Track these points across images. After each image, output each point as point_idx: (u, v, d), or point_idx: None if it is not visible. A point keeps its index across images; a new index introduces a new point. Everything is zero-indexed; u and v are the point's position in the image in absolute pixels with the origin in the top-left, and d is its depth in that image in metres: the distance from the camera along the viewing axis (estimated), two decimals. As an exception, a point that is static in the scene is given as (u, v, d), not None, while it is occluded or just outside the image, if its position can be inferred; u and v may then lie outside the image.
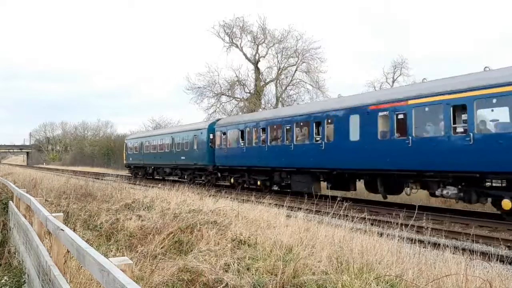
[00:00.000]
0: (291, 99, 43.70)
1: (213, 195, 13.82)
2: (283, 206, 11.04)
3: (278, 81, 44.41)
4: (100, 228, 8.01)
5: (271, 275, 5.21)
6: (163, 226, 7.52)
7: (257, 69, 44.60)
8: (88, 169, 58.23)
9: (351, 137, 15.81)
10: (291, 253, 5.97)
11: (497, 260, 6.79)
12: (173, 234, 7.09)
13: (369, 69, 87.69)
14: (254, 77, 44.65)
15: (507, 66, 11.90)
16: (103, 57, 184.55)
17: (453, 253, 6.33)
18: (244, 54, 44.91)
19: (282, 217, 9.17)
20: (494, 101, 11.53)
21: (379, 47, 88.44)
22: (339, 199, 11.14)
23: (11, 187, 12.11)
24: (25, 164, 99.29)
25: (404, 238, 7.13)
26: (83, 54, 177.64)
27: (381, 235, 7.47)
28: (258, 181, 22.00)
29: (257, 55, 44.52)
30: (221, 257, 5.90)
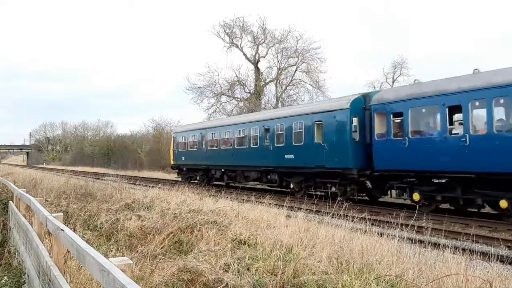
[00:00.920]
0: (291, 99, 43.76)
1: (213, 195, 13.81)
2: (283, 206, 11.05)
3: (278, 81, 44.48)
4: (100, 228, 7.99)
5: (271, 275, 5.20)
6: (163, 226, 7.51)
7: (257, 69, 44.64)
8: (88, 169, 58.23)
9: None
10: (291, 253, 5.97)
11: (497, 260, 6.78)
12: (173, 234, 7.08)
13: (369, 69, 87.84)
14: (254, 77, 44.71)
15: None
16: (103, 57, 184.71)
17: (453, 253, 6.33)
18: (244, 54, 45.00)
19: (282, 217, 9.17)
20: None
21: (379, 47, 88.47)
22: (339, 199, 11.14)
23: (11, 187, 12.10)
24: (25, 164, 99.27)
25: (404, 238, 7.14)
26: (83, 54, 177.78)
27: (381, 235, 7.46)
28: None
29: (257, 55, 44.61)
30: (221, 257, 5.90)
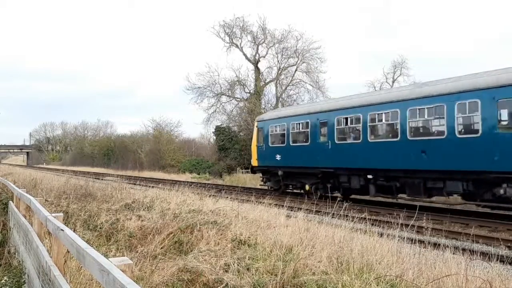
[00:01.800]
0: (291, 99, 43.75)
1: (213, 195, 13.80)
2: (283, 206, 11.05)
3: (278, 81, 44.47)
4: (100, 228, 7.98)
5: (271, 275, 5.20)
6: (163, 226, 7.51)
7: (257, 69, 44.62)
8: (88, 169, 58.23)
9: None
10: (291, 253, 5.96)
11: (497, 260, 6.78)
12: (173, 234, 7.08)
13: (369, 69, 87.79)
14: (254, 77, 44.69)
15: None
16: (103, 57, 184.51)
17: (453, 253, 6.32)
18: (244, 54, 44.99)
19: (282, 217, 9.17)
20: None
21: (379, 47, 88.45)
22: (339, 199, 11.14)
23: (11, 187, 12.08)
24: (25, 164, 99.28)
25: (404, 238, 7.13)
26: (83, 54, 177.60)
27: (381, 235, 7.46)
28: None
29: (257, 55, 44.60)
30: (221, 257, 5.90)
